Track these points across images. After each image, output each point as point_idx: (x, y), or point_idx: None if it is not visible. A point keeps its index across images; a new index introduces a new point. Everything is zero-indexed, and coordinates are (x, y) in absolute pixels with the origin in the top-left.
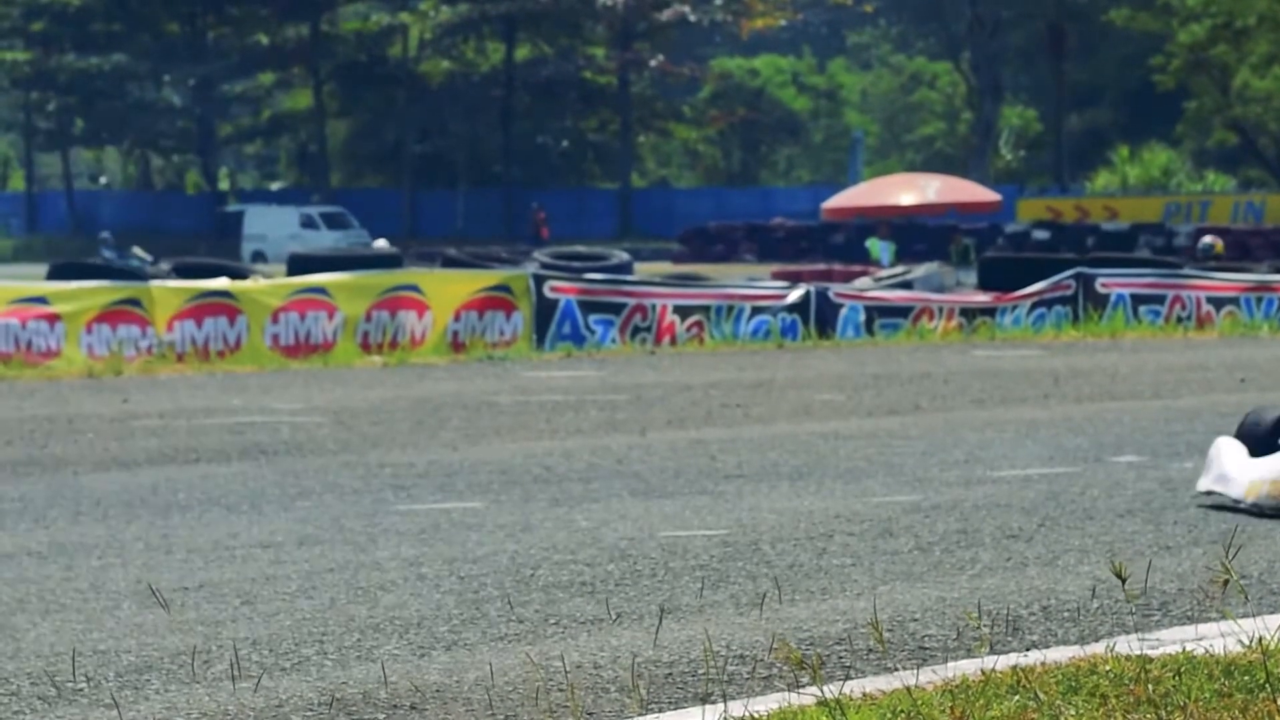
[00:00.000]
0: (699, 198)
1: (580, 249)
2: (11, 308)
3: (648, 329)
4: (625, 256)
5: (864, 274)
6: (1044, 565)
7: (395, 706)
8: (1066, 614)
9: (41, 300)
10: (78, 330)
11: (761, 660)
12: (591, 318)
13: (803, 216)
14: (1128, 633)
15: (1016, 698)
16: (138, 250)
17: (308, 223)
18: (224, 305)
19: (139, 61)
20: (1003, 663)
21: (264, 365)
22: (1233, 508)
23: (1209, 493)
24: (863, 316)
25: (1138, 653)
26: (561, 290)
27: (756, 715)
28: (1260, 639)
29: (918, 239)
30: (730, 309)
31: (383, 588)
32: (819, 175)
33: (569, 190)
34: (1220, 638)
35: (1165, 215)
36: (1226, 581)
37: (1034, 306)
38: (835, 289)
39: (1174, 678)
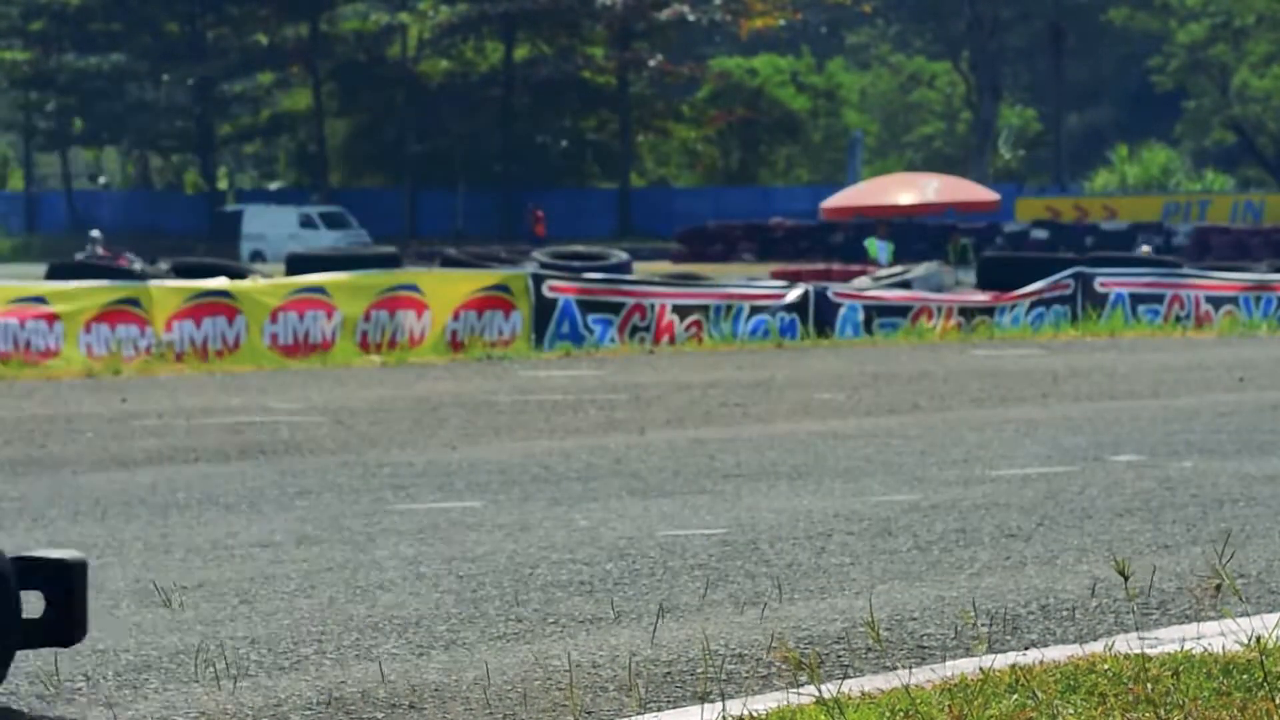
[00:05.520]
0: (698, 197)
1: (579, 248)
2: (10, 307)
3: (646, 328)
4: (624, 256)
5: (863, 273)
6: (1042, 564)
7: (394, 705)
8: (1065, 613)
9: (40, 300)
10: (76, 330)
11: (760, 659)
12: (590, 317)
13: (802, 216)
14: (1126, 631)
15: (1015, 696)
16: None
17: (306, 222)
18: (223, 305)
19: (138, 61)
20: (1001, 661)
21: (263, 365)
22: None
23: None
24: (861, 316)
25: (1136, 651)
26: (560, 290)
27: (755, 714)
28: (1258, 638)
29: (917, 238)
30: (729, 308)
31: (381, 587)
32: (818, 175)
33: (568, 190)
34: (1219, 636)
35: (1164, 215)
36: (1219, 585)
37: (1033, 306)
38: (834, 288)
39: (1172, 676)
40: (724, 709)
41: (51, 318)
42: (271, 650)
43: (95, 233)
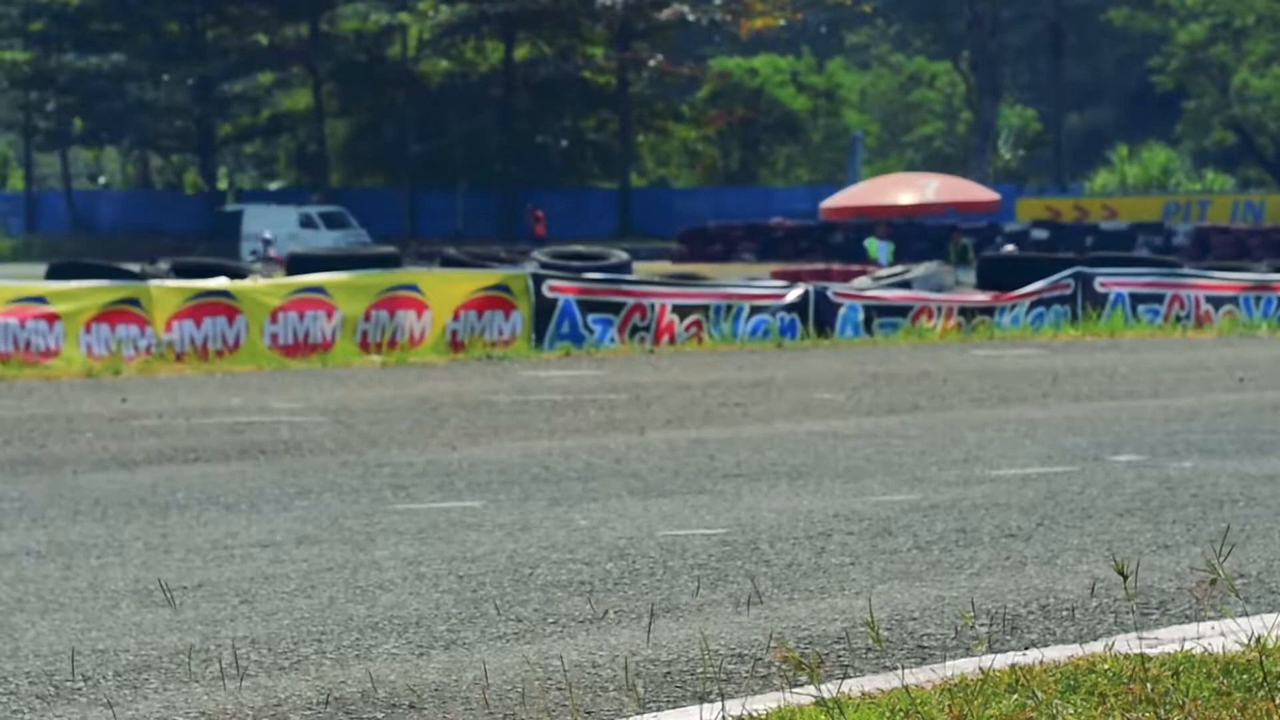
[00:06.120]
0: (698, 197)
1: (579, 248)
2: (10, 307)
3: (646, 328)
4: (624, 256)
5: (863, 273)
6: (1042, 564)
7: (394, 705)
8: (1065, 613)
9: (40, 300)
10: (76, 330)
11: (760, 659)
12: (590, 317)
13: (802, 216)
14: (1126, 631)
15: (1015, 696)
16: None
17: (307, 222)
18: (223, 305)
19: (138, 61)
20: (1001, 661)
21: (263, 365)
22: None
23: None
24: (861, 316)
25: (1136, 651)
26: (560, 290)
27: (755, 714)
28: (1258, 638)
29: (917, 238)
30: (729, 308)
31: (381, 587)
32: (818, 175)
33: (568, 190)
34: (1218, 636)
35: (1164, 215)
36: (1214, 581)
37: (1033, 306)
38: (834, 288)
39: (1172, 676)
40: (723, 709)
41: (51, 318)
42: (271, 650)
43: (267, 234)
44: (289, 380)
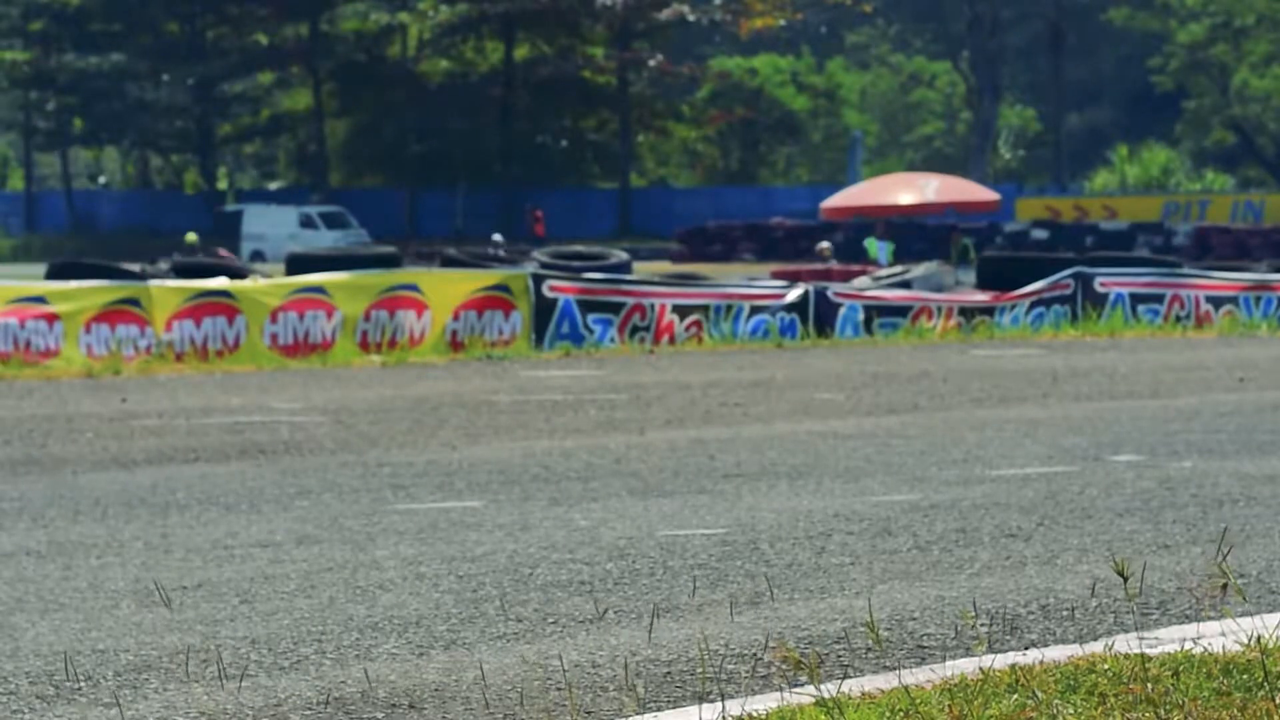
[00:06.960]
0: (698, 197)
1: (579, 248)
2: (10, 307)
3: (646, 328)
4: (624, 256)
5: (863, 273)
6: (1042, 564)
7: (393, 705)
8: (1065, 613)
9: (40, 300)
10: (76, 330)
11: (760, 659)
12: (590, 317)
13: (802, 216)
14: (1126, 631)
15: (1015, 696)
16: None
17: (306, 222)
18: (223, 305)
19: (138, 61)
20: (1001, 661)
21: (263, 365)
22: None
23: None
24: (861, 316)
25: (1136, 651)
26: (560, 290)
27: (755, 714)
28: (1259, 638)
29: (917, 238)
30: (729, 308)
31: (381, 587)
32: (818, 175)
33: (568, 190)
34: (1219, 636)
35: (1164, 215)
36: (1224, 585)
37: (1033, 306)
38: (834, 288)
39: (1172, 676)
40: (723, 709)
41: (51, 318)
42: (271, 650)
43: (498, 236)
44: (289, 380)
